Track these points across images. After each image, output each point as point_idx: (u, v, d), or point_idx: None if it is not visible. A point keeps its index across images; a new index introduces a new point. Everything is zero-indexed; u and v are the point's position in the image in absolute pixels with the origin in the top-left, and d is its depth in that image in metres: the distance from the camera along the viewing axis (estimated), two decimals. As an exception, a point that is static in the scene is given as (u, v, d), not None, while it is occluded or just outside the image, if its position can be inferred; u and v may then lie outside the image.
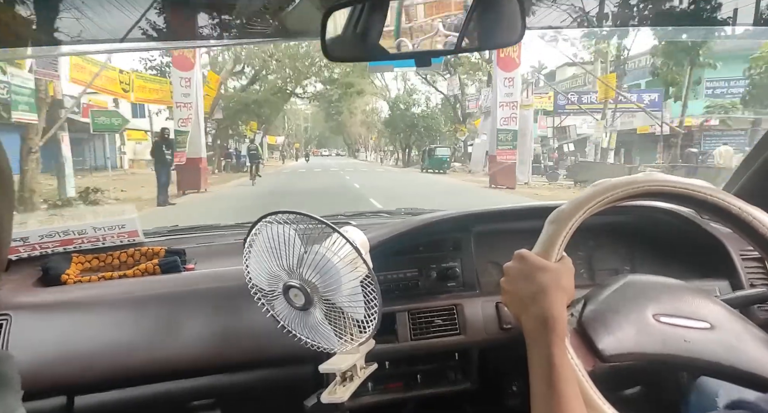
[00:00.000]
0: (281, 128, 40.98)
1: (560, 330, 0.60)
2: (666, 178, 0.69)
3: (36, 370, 0.89)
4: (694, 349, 0.69)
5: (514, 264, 0.67)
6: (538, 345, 0.60)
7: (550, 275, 0.63)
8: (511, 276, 0.66)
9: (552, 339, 0.59)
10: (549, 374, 0.58)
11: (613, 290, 0.77)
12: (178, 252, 1.20)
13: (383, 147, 48.83)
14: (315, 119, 57.47)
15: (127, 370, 0.95)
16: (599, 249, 1.27)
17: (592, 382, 0.63)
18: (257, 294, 0.85)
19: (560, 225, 0.67)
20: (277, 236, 0.79)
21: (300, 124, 55.07)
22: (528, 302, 0.63)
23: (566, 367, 0.59)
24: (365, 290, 0.81)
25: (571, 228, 0.67)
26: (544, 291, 0.62)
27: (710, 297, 0.78)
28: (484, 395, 1.15)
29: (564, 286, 0.63)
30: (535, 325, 0.61)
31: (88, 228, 1.18)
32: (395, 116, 32.40)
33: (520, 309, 0.64)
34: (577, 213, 0.67)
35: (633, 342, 0.69)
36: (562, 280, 0.63)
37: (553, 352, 0.58)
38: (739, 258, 1.13)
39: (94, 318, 0.98)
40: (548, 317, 0.60)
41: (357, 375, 0.86)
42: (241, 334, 1.00)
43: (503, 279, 0.68)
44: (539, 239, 0.68)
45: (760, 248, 0.68)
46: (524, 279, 0.64)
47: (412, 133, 30.90)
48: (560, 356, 0.59)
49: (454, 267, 1.19)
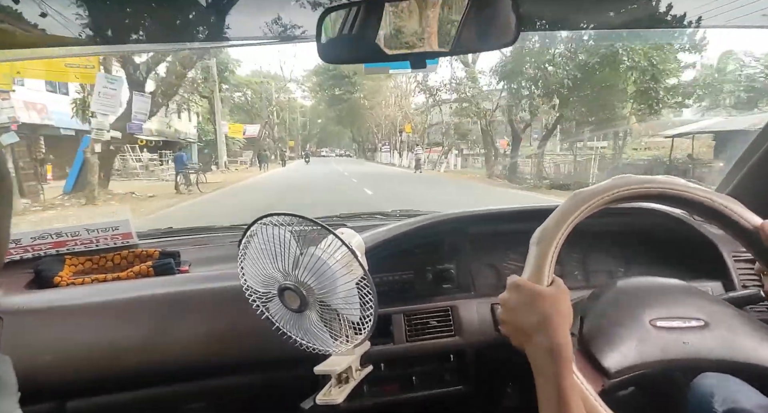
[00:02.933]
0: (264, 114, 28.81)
1: (566, 356, 0.59)
2: (639, 180, 0.68)
3: (28, 374, 0.88)
4: (692, 350, 0.69)
5: (511, 295, 0.65)
6: (545, 376, 0.59)
7: (549, 302, 0.62)
8: (509, 307, 0.65)
9: (560, 368, 0.58)
10: (557, 403, 0.57)
11: (607, 300, 0.77)
12: (172, 255, 1.20)
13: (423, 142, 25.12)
14: (315, 112, 48.70)
15: (120, 374, 0.94)
16: (593, 251, 1.27)
17: (604, 403, 0.62)
18: (252, 296, 0.84)
19: (546, 244, 0.66)
20: (273, 238, 0.78)
21: (296, 117, 44.84)
22: (531, 332, 0.61)
23: (575, 395, 0.58)
24: (361, 292, 0.81)
25: (557, 246, 0.66)
26: (547, 320, 0.61)
27: (703, 295, 0.78)
28: (480, 396, 1.15)
29: (564, 312, 0.62)
30: (541, 355, 0.60)
31: (81, 230, 1.17)
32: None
33: (524, 340, 0.63)
34: (561, 229, 0.66)
35: (635, 354, 0.69)
36: (561, 306, 0.62)
37: (562, 383, 0.58)
38: (732, 260, 1.14)
39: (87, 321, 0.97)
40: (554, 346, 0.59)
41: (352, 377, 0.86)
42: (236, 337, 1.00)
43: (501, 312, 0.67)
44: (527, 262, 0.67)
45: (738, 237, 0.67)
46: (523, 310, 0.63)
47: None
48: (569, 387, 0.58)
49: (450, 269, 1.19)
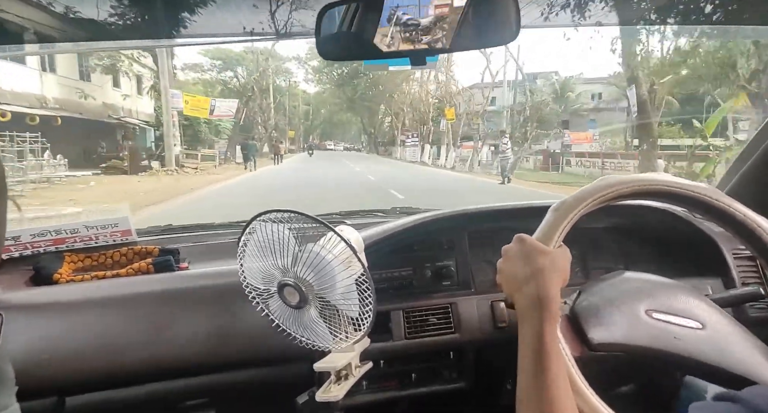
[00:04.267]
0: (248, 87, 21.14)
1: (553, 310, 0.61)
2: (671, 179, 0.70)
3: (27, 370, 0.89)
4: (683, 347, 0.69)
5: (513, 246, 0.68)
6: (530, 323, 0.61)
7: (548, 258, 0.64)
8: (509, 256, 0.67)
9: (544, 317, 0.60)
10: (538, 350, 0.58)
11: (608, 284, 0.78)
12: (172, 252, 1.20)
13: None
14: (319, 100, 43.96)
15: (119, 370, 0.94)
16: (593, 248, 1.27)
17: (579, 368, 0.64)
18: (252, 292, 0.84)
19: (562, 214, 0.68)
20: (272, 234, 0.78)
21: (297, 105, 40.53)
22: (523, 282, 0.63)
23: (555, 345, 0.60)
24: (360, 288, 0.81)
25: (572, 219, 0.68)
26: (540, 272, 0.63)
27: (704, 298, 0.78)
28: (479, 393, 1.15)
29: (560, 269, 0.64)
30: (528, 303, 0.62)
31: (81, 227, 1.17)
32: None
33: (515, 289, 0.65)
34: (580, 205, 0.68)
35: (622, 334, 0.70)
36: (558, 264, 0.64)
37: (544, 330, 0.59)
38: (732, 257, 1.14)
39: (87, 318, 0.98)
40: (542, 297, 0.61)
41: (352, 374, 0.86)
42: (236, 333, 1.00)
43: (500, 260, 0.69)
44: (540, 226, 0.69)
45: (761, 256, 0.69)
46: (521, 260, 0.65)
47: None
48: (550, 334, 0.59)
49: (449, 266, 1.19)
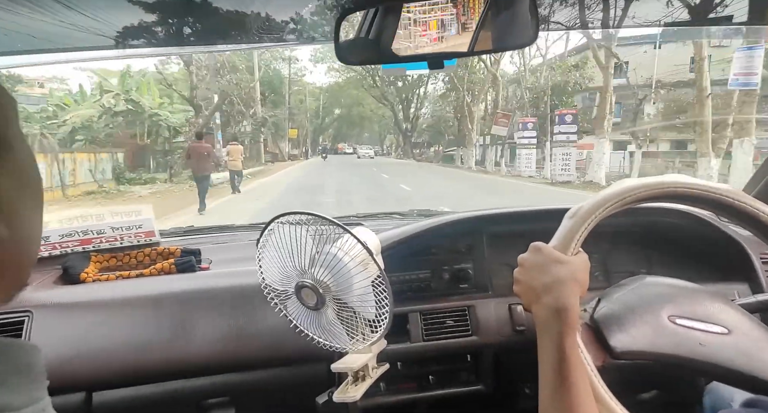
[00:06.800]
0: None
1: (572, 320, 0.59)
2: (692, 181, 0.67)
3: (56, 366, 0.92)
4: (709, 353, 0.67)
5: (530, 256, 0.66)
6: (549, 334, 0.60)
7: (566, 267, 0.62)
8: (526, 266, 0.66)
9: (563, 329, 0.59)
10: (558, 362, 0.57)
11: (629, 289, 0.76)
12: (194, 252, 1.23)
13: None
14: (334, 93, 37.77)
15: (143, 367, 0.97)
16: (615, 252, 1.25)
17: (601, 378, 0.62)
18: (270, 293, 0.86)
19: (579, 220, 0.66)
20: (290, 236, 0.80)
21: (303, 99, 34.14)
22: (541, 292, 0.62)
23: (576, 357, 0.58)
24: (376, 290, 0.82)
25: (589, 225, 0.66)
26: (559, 282, 0.61)
27: (729, 303, 0.75)
28: (497, 396, 1.14)
29: (578, 279, 0.62)
30: (546, 315, 0.61)
31: (107, 229, 1.21)
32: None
33: (533, 299, 0.63)
34: (597, 210, 0.66)
35: (646, 341, 0.68)
36: (577, 273, 0.63)
37: (564, 341, 0.58)
38: (759, 262, 1.11)
39: (112, 316, 1.01)
40: (561, 307, 0.59)
41: (369, 375, 0.87)
42: (255, 333, 1.02)
43: (517, 270, 0.67)
44: (556, 233, 0.68)
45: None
46: (539, 270, 0.63)
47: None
48: (571, 346, 0.58)
49: (467, 269, 1.18)
